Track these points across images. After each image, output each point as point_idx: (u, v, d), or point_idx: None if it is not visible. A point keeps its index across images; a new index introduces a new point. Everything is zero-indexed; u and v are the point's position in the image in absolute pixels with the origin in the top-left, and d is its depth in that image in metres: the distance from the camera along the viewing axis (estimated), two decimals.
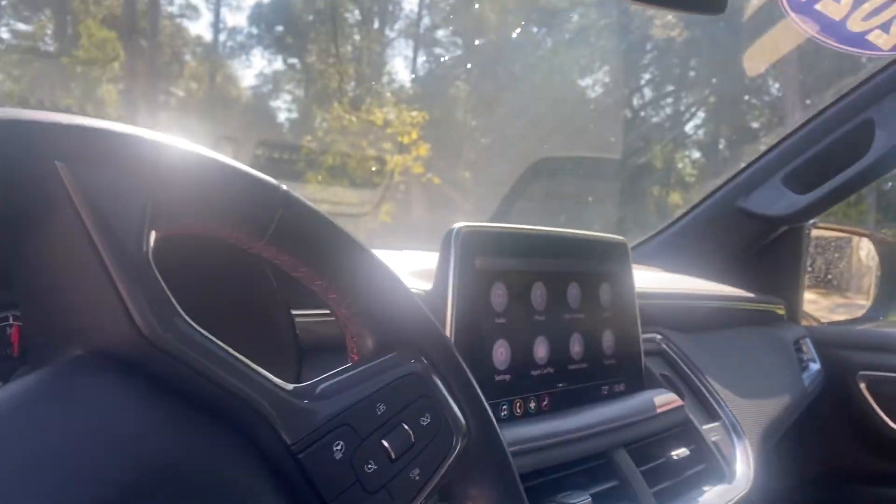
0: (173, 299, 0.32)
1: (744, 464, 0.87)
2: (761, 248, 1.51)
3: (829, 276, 1.87)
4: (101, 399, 0.30)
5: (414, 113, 9.01)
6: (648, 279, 1.10)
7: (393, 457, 0.38)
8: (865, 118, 1.28)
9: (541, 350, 0.73)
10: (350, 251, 0.40)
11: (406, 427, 0.39)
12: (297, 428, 0.35)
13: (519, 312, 0.71)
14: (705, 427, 0.88)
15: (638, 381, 0.86)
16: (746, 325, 1.30)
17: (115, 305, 0.31)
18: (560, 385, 0.75)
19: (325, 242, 0.39)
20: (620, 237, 0.88)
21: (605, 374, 0.81)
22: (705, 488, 0.80)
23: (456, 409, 0.41)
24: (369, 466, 0.37)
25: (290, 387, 0.36)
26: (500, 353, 0.69)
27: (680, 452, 0.80)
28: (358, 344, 0.41)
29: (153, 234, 0.32)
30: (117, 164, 0.31)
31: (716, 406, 0.94)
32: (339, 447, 0.36)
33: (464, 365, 0.43)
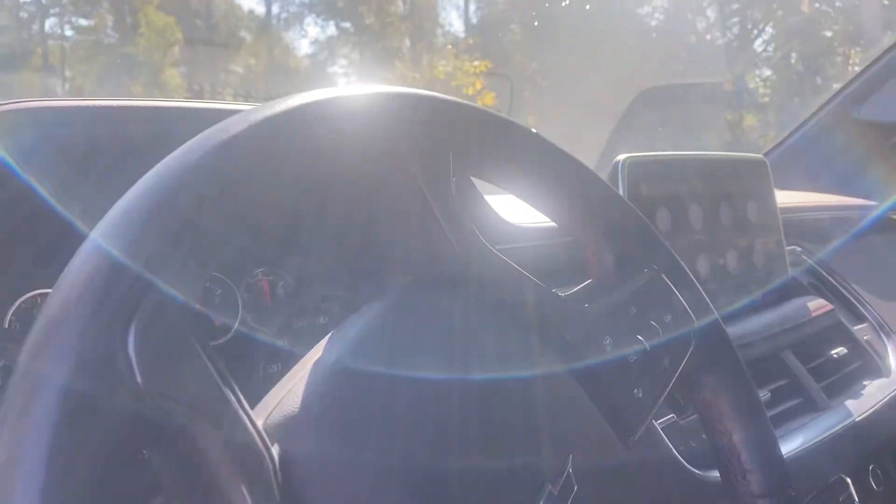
0: (476, 229, 0.39)
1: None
2: (877, 158, 1.50)
3: None
4: (444, 306, 0.38)
5: (476, 63, 8.96)
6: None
7: (647, 349, 0.44)
8: None
9: (702, 266, 0.79)
10: (591, 184, 0.46)
11: (654, 324, 0.45)
12: (576, 326, 0.42)
13: (681, 233, 0.77)
14: (855, 328, 0.93)
15: (787, 290, 0.90)
16: (872, 234, 1.31)
17: (439, 237, 0.38)
18: (722, 298, 0.80)
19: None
20: (761, 156, 0.91)
21: (759, 284, 0.86)
22: (865, 383, 0.85)
23: (688, 307, 0.47)
24: (632, 357, 0.44)
25: (564, 295, 0.43)
26: None
27: (838, 351, 0.84)
28: (599, 261, 0.48)
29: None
30: (439, 127, 0.38)
31: (861, 309, 0.98)
32: (608, 342, 0.43)
33: (686, 269, 0.49)
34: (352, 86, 0.35)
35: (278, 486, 0.27)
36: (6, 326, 0.48)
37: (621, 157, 0.73)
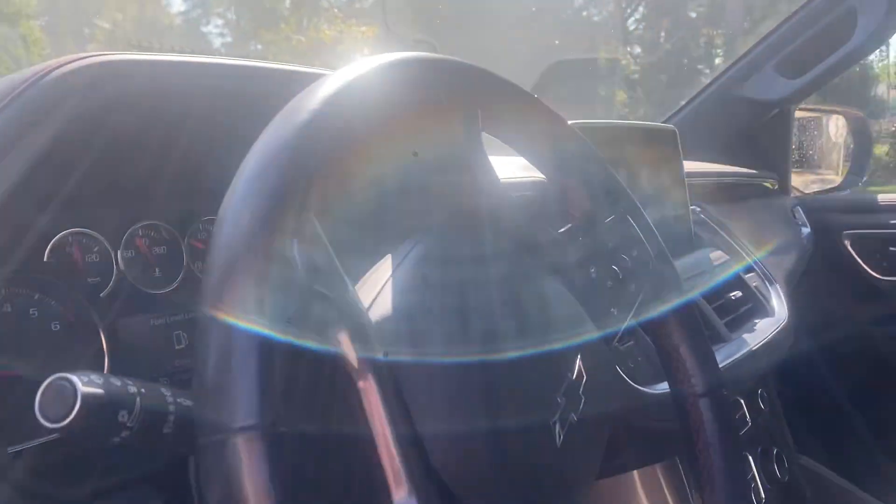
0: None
1: (778, 302, 1.08)
2: (755, 130, 1.69)
3: (803, 155, 2.08)
4: (477, 236, 0.46)
5: (363, 28, 8.88)
6: None
7: (620, 276, 0.55)
8: (849, 6, 1.44)
9: None
10: (576, 142, 0.55)
11: (625, 257, 0.55)
12: (570, 257, 0.51)
13: None
14: (745, 276, 1.08)
15: (689, 243, 1.04)
16: (752, 198, 1.49)
17: (470, 182, 0.46)
18: None
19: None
20: (670, 126, 1.04)
21: (669, 239, 0.99)
22: (756, 321, 1.00)
23: (648, 244, 0.58)
24: (608, 283, 0.54)
25: (559, 232, 0.52)
26: None
27: (735, 294, 0.99)
28: (579, 206, 0.57)
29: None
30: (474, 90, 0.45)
31: (750, 260, 1.14)
32: (593, 271, 0.53)
33: (644, 213, 0.59)
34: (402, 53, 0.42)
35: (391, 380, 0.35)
36: (45, 260, 0.52)
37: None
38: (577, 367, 0.46)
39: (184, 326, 0.56)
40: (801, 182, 2.11)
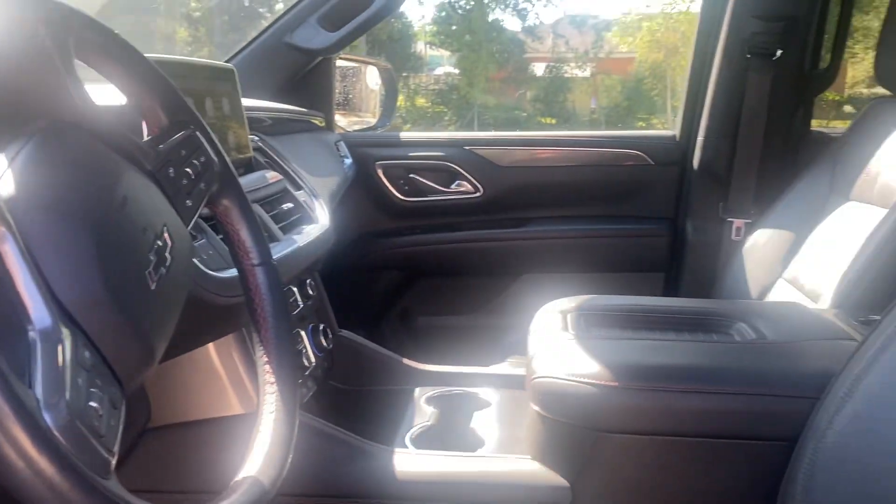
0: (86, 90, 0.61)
1: (322, 213, 1.35)
2: (303, 76, 1.96)
3: (347, 99, 2.45)
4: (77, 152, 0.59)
5: None
6: None
7: (193, 175, 0.72)
8: None
9: None
10: (154, 72, 0.70)
11: (195, 161, 0.73)
12: (154, 159, 0.68)
13: None
14: (296, 192, 1.33)
15: (250, 165, 1.25)
16: (303, 132, 1.76)
17: (63, 91, 0.59)
18: None
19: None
20: (230, 65, 1.23)
21: (234, 161, 1.19)
22: (304, 226, 1.26)
23: (212, 152, 0.76)
24: (184, 180, 0.71)
25: (143, 140, 0.67)
26: None
27: (287, 205, 1.23)
28: (158, 122, 0.72)
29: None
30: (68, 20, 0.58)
31: (299, 181, 1.39)
32: (171, 171, 0.70)
33: (211, 131, 0.78)
34: None
35: None
36: None
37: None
38: (164, 235, 0.63)
39: None
40: (348, 121, 2.48)
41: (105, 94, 0.78)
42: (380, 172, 2.06)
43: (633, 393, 0.94)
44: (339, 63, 2.14)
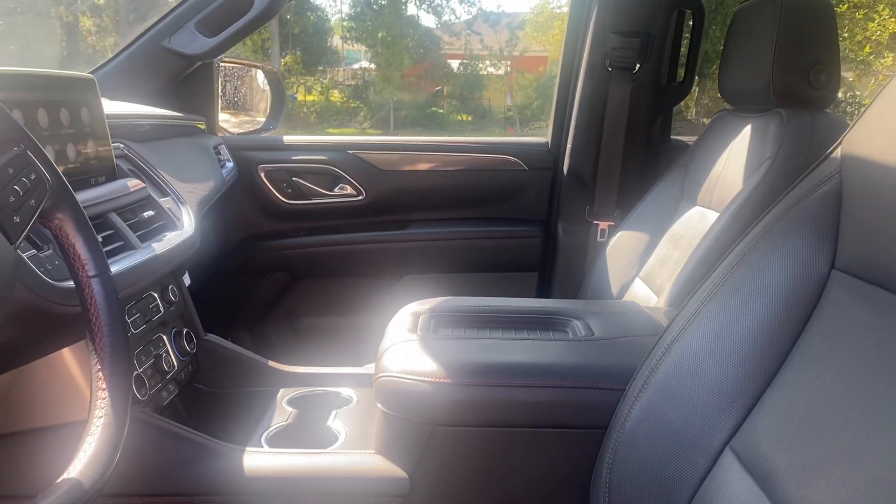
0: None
1: (188, 219, 1.38)
2: (182, 80, 1.97)
3: (237, 99, 2.47)
4: None
5: None
6: (105, 105, 1.47)
7: (21, 194, 0.76)
8: None
9: (49, 153, 1.09)
10: None
11: (24, 179, 0.77)
12: None
13: (32, 129, 1.06)
14: (161, 200, 1.36)
15: (113, 173, 1.27)
16: (179, 137, 1.78)
17: None
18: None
19: None
20: (90, 75, 1.24)
21: (92, 170, 1.21)
22: (167, 234, 1.29)
23: (44, 169, 0.80)
24: (11, 199, 0.74)
25: None
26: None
27: (148, 213, 1.26)
28: None
29: None
30: None
31: (166, 187, 1.42)
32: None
33: (42, 149, 0.81)
34: None
35: None
36: None
37: None
38: None
39: None
40: (238, 122, 2.50)
41: None
42: (262, 175, 2.09)
43: (464, 389, 1.03)
44: (226, 65, 2.16)
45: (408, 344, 1.13)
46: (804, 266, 0.81)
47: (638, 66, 1.94)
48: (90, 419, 0.77)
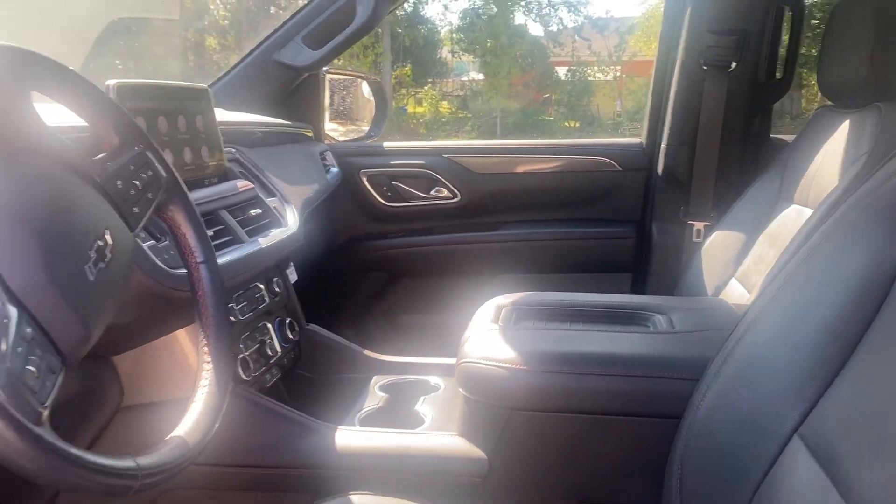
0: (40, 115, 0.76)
1: (292, 218, 1.49)
2: (291, 90, 2.11)
3: (342, 109, 2.60)
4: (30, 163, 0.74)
5: None
6: (220, 114, 1.61)
7: (140, 188, 0.87)
8: None
9: (168, 156, 1.22)
10: (104, 99, 0.84)
11: (143, 175, 0.87)
12: (103, 173, 0.82)
13: (153, 134, 1.19)
14: (268, 199, 1.48)
15: (225, 175, 1.40)
16: (288, 143, 1.91)
17: (20, 113, 0.73)
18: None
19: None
20: (205, 86, 1.37)
21: (207, 172, 1.34)
22: (272, 230, 1.40)
23: (160, 167, 0.90)
24: (131, 192, 0.85)
25: (94, 158, 0.82)
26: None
27: (255, 211, 1.38)
28: (110, 141, 0.87)
29: None
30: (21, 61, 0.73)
31: (272, 188, 1.54)
32: (119, 183, 0.84)
33: (159, 149, 0.92)
34: None
35: None
36: None
37: (111, 81, 1.11)
38: (106, 237, 0.77)
39: None
40: (345, 131, 2.63)
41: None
42: (364, 180, 2.20)
43: (539, 375, 1.07)
44: (333, 77, 2.30)
45: (489, 333, 1.18)
46: (876, 256, 0.80)
47: (734, 63, 1.92)
48: (196, 388, 0.87)
